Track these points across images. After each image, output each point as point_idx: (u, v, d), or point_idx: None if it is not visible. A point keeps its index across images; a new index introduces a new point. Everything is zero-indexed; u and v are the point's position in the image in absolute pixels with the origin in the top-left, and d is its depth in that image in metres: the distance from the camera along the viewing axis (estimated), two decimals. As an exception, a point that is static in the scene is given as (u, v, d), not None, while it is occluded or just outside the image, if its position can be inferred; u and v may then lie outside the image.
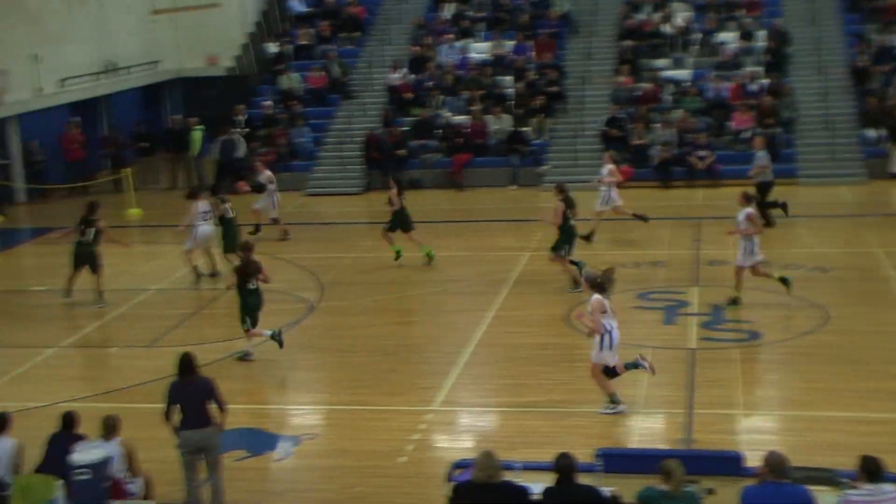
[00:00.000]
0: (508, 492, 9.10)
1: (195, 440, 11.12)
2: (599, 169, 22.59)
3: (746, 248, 17.16)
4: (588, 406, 13.79)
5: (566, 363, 15.39)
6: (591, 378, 13.70)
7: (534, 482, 9.44)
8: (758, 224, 17.56)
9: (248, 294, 15.85)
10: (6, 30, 27.99)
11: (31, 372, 16.15)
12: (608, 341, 13.34)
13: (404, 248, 20.96)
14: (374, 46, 32.69)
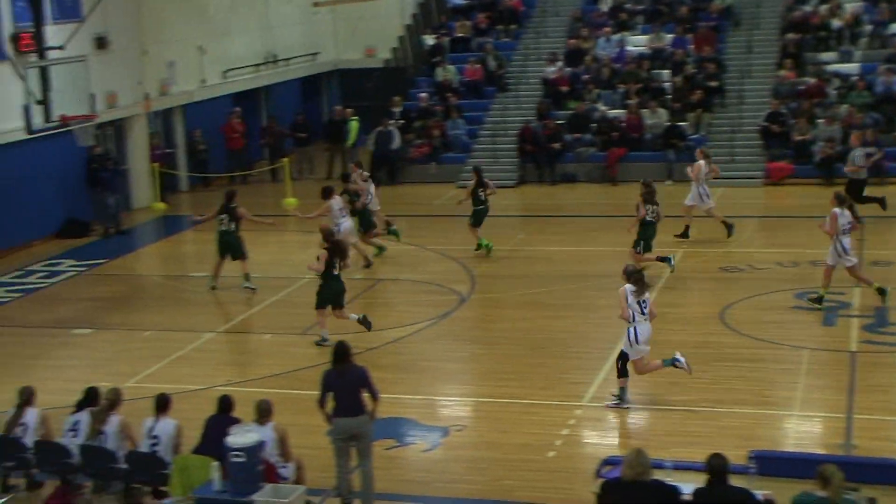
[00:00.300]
0: (658, 491, 8.92)
1: (348, 427, 11.24)
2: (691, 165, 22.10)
3: (837, 248, 16.83)
4: (742, 407, 13.49)
5: (719, 362, 15.08)
6: (738, 377, 13.39)
7: (684, 482, 9.26)
8: (854, 225, 17.17)
9: (331, 279, 16.18)
10: (174, 23, 28.85)
11: (190, 355, 16.61)
12: (634, 335, 13.41)
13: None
14: (530, 39, 32.59)
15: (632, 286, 13.58)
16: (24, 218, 23.61)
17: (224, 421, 11.09)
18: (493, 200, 21.52)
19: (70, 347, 17.40)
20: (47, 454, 11.56)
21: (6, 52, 21.97)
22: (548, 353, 15.89)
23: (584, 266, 20.40)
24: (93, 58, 23.22)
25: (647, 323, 13.56)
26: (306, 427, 12.94)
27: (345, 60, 36.39)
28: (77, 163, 24.86)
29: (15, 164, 23.25)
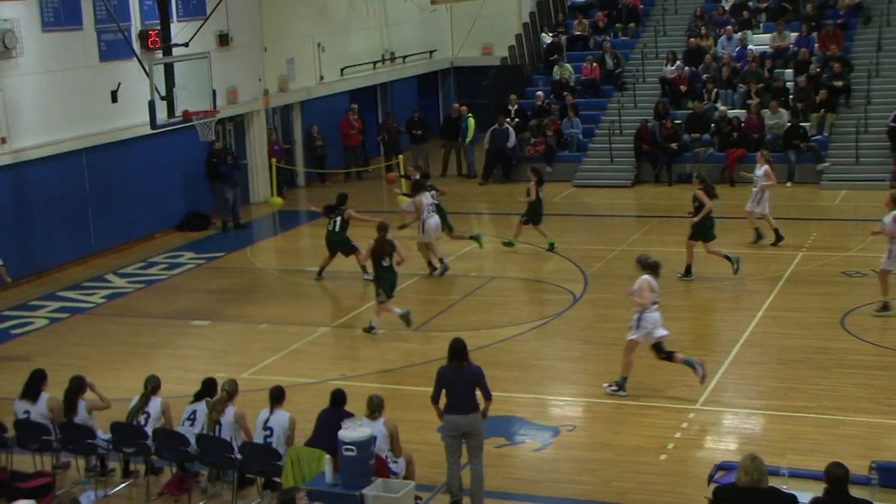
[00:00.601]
0: (775, 499, 8.73)
1: (460, 425, 11.24)
2: (755, 170, 21.48)
3: (893, 251, 16.54)
4: (864, 415, 13.15)
5: (840, 368, 14.72)
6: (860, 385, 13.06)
7: (801, 490, 9.05)
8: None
9: (382, 270, 16.86)
10: (294, 20, 29.24)
11: (304, 349, 16.81)
12: (636, 321, 13.96)
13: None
14: (649, 38, 32.24)
15: (651, 276, 14.09)
16: (147, 210, 24.19)
17: (337, 414, 11.19)
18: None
19: (188, 338, 17.77)
20: (166, 442, 11.82)
21: (134, 49, 22.53)
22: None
23: (701, 267, 20.07)
24: (215, 54, 23.66)
25: (656, 312, 14.05)
26: (417, 423, 13.00)
27: (462, 58, 36.48)
28: (198, 157, 25.39)
29: (140, 159, 23.84)
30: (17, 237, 20.85)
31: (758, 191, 21.18)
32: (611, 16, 33.35)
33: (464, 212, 26.13)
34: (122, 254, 22.94)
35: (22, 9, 20.82)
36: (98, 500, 11.87)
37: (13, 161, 20.83)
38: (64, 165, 21.98)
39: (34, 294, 20.30)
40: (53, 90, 21.71)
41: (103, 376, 14.99)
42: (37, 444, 12.23)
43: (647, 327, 14.01)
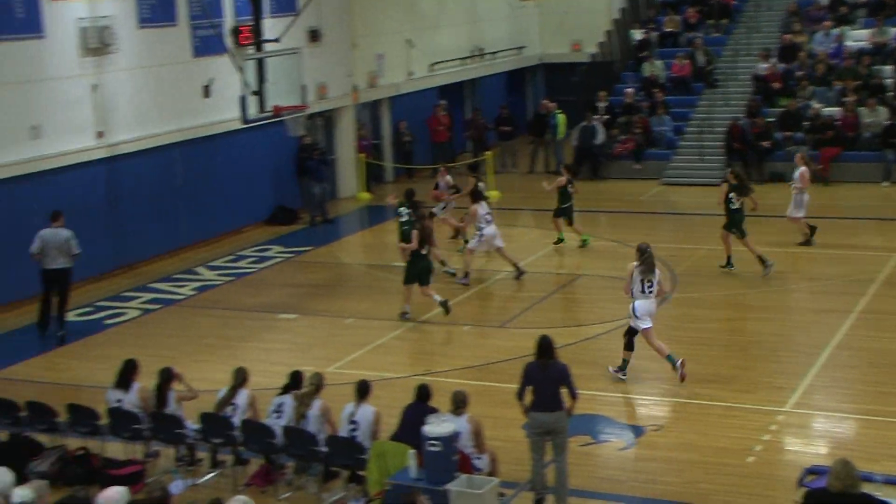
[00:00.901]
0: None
1: (545, 422, 11.22)
2: (793, 173, 20.94)
3: None
4: (959, 422, 12.80)
5: (936, 373, 14.36)
6: None
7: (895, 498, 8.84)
8: None
9: (418, 258, 17.52)
10: (384, 16, 29.37)
11: (390, 344, 16.88)
12: (633, 309, 14.39)
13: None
14: (741, 34, 31.74)
15: (638, 265, 14.37)
16: (236, 204, 24.50)
17: (421, 409, 11.22)
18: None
19: (276, 331, 17.96)
20: (253, 434, 11.96)
21: (227, 45, 22.83)
22: (751, 355, 15.49)
23: (792, 267, 19.78)
24: (306, 50, 23.88)
25: (648, 300, 14.37)
26: (501, 420, 12.98)
27: (550, 54, 36.32)
28: (287, 152, 25.64)
29: (230, 153, 24.16)
30: (110, 230, 21.26)
31: (799, 195, 20.78)
32: (702, 12, 32.91)
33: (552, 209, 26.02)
34: (211, 247, 23.27)
35: (119, 6, 21.23)
36: (186, 490, 12.03)
37: (108, 155, 21.24)
38: (157, 159, 22.37)
39: (127, 285, 20.69)
40: (148, 85, 22.10)
41: (192, 367, 15.24)
42: (128, 433, 12.47)
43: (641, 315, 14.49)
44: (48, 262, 17.41)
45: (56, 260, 17.39)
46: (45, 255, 17.36)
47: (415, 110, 30.66)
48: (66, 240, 17.49)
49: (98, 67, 20.92)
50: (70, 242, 17.49)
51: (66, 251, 17.48)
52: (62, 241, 17.43)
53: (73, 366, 16.52)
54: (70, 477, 12.01)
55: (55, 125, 20.14)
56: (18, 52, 19.47)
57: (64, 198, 20.21)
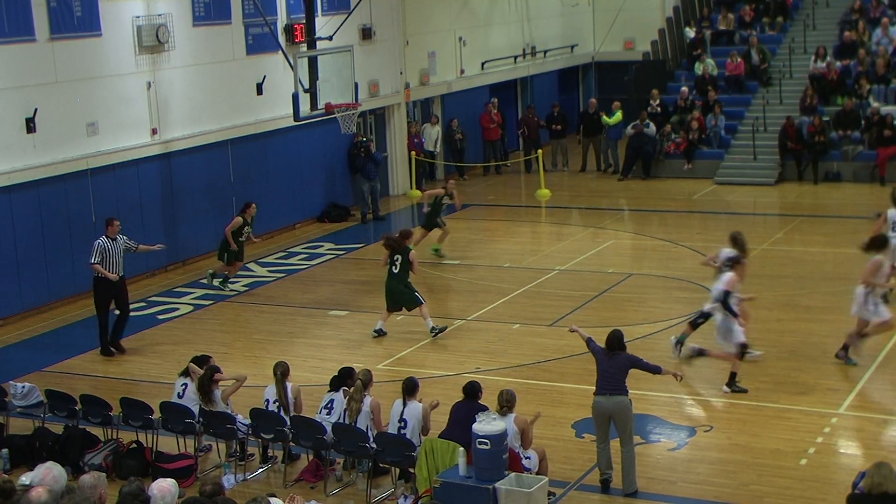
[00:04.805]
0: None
1: (605, 406, 11.44)
2: None
3: None
4: None
5: None
6: None
7: (950, 503, 8.70)
8: None
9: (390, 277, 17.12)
10: (436, 14, 29.41)
11: (439, 341, 16.87)
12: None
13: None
14: (797, 32, 31.41)
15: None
16: (289, 201, 24.64)
17: (471, 407, 11.22)
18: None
19: (326, 327, 18.03)
20: (303, 430, 12.02)
21: (280, 42, 22.97)
22: (804, 357, 15.31)
23: (846, 269, 19.48)
24: (358, 48, 23.98)
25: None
26: (551, 419, 12.96)
27: (603, 53, 36.17)
28: (339, 149, 25.75)
29: (282, 150, 24.30)
30: (164, 225, 21.47)
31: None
32: (758, 10, 32.61)
33: (603, 207, 25.94)
34: (263, 243, 23.40)
35: (174, 4, 21.43)
36: (237, 484, 12.13)
37: (162, 151, 21.46)
38: (210, 156, 22.55)
39: (180, 281, 20.89)
40: (202, 83, 22.29)
41: (243, 363, 15.37)
42: (180, 427, 12.59)
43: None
44: (108, 271, 16.56)
45: (115, 269, 16.60)
46: (104, 264, 16.52)
47: (467, 108, 30.67)
48: (124, 246, 16.80)
49: (153, 65, 21.13)
50: (127, 244, 16.85)
51: (122, 259, 16.76)
52: (120, 250, 16.70)
53: (126, 360, 16.69)
54: (123, 470, 12.15)
55: (111, 122, 20.37)
56: (76, 51, 19.72)
57: (119, 194, 20.49)
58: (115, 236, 16.67)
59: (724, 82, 30.28)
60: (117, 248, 16.66)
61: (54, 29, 19.23)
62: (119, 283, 16.80)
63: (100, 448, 12.68)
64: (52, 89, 19.30)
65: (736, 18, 32.48)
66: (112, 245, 16.59)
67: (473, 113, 30.75)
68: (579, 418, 13.02)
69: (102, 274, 16.50)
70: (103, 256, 16.51)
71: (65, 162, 19.53)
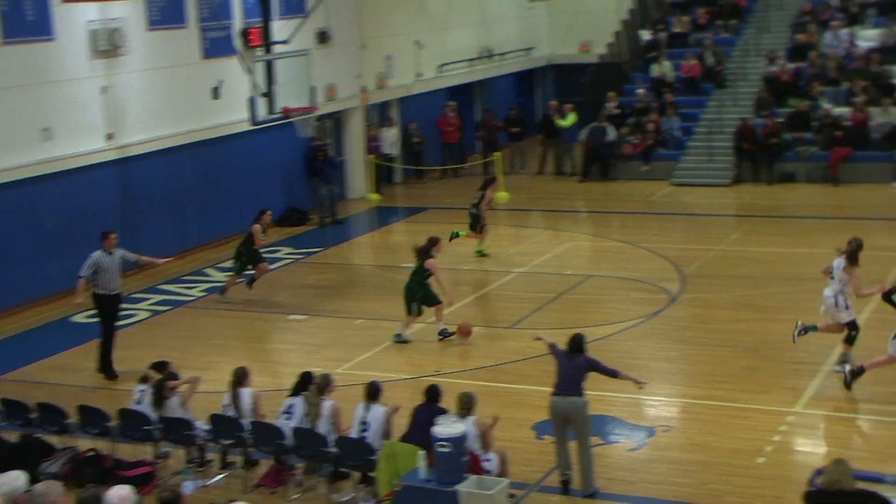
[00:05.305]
0: (863, 500, 8.53)
1: (560, 407, 11.50)
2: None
3: None
4: (971, 422, 12.76)
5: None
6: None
7: (906, 498, 8.82)
8: None
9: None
10: (393, 18, 29.40)
11: (399, 344, 16.86)
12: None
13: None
14: (751, 34, 31.69)
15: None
16: (246, 206, 24.43)
17: (431, 410, 11.22)
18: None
19: (285, 332, 17.98)
20: (263, 435, 11.97)
21: (236, 46, 22.87)
22: (761, 356, 15.45)
23: (801, 268, 19.71)
24: (315, 52, 23.90)
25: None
26: (511, 421, 12.98)
27: (559, 55, 36.32)
28: (297, 153, 25.67)
29: (240, 155, 24.20)
30: (121, 231, 21.14)
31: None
32: (712, 13, 32.87)
33: (561, 209, 26.04)
34: (221, 248, 23.29)
35: (129, 8, 21.29)
36: (197, 491, 12.06)
37: (119, 157, 21.30)
38: (167, 161, 22.42)
39: (137, 287, 20.71)
40: (158, 87, 22.16)
41: (201, 369, 15.25)
42: (139, 434, 12.50)
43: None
44: (101, 286, 15.94)
45: (110, 284, 15.96)
46: (98, 279, 15.86)
47: (425, 111, 30.66)
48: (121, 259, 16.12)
49: (108, 69, 20.97)
50: (125, 257, 16.25)
51: (119, 274, 16.14)
52: (118, 264, 16.05)
53: (83, 367, 16.54)
54: (81, 478, 12.04)
55: (66, 127, 20.20)
56: (29, 55, 19.54)
57: (75, 200, 20.31)
58: (112, 250, 15.89)
59: (679, 84, 30.50)
60: (114, 263, 15.87)
61: (6, 33, 19.06)
62: (115, 299, 16.10)
63: (57, 456, 12.56)
64: (4, 94, 19.12)
65: (691, 21, 32.72)
66: (108, 259, 15.82)
67: (431, 116, 30.77)
68: (539, 420, 13.05)
69: (77, 293, 15.77)
70: (97, 271, 15.75)
71: (19, 168, 19.34)
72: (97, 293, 15.98)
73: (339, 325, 18.05)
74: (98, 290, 15.94)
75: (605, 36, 33.74)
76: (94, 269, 15.77)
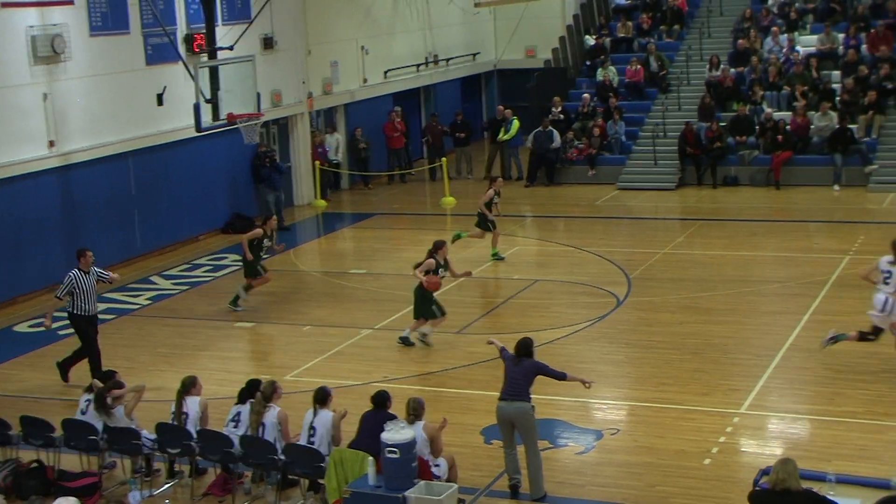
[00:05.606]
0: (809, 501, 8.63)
1: (506, 412, 11.52)
2: None
3: None
4: (912, 421, 12.98)
5: (887, 373, 14.51)
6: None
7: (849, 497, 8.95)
8: None
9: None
10: (338, 23, 29.34)
11: (347, 351, 16.85)
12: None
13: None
14: (694, 39, 32.03)
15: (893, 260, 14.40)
16: (192, 213, 24.37)
17: (380, 416, 11.21)
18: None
19: (232, 340, 17.87)
20: (210, 443, 11.89)
21: (180, 53, 22.71)
22: (706, 358, 15.59)
23: (745, 271, 19.98)
24: (260, 58, 23.80)
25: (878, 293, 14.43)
26: (460, 426, 13.00)
27: (505, 61, 36.47)
28: (243, 160, 25.54)
29: (185, 161, 24.02)
30: (64, 239, 21.06)
31: None
32: (655, 18, 33.18)
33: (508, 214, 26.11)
34: (166, 256, 23.13)
35: (70, 14, 21.06)
36: (144, 501, 11.95)
37: (61, 164, 21.06)
38: (110, 168, 22.20)
39: (81, 295, 20.48)
40: (100, 94, 21.94)
41: (148, 377, 15.12)
42: (84, 444, 12.36)
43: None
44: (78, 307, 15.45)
45: (87, 305, 15.49)
46: (75, 299, 15.38)
47: (370, 117, 30.64)
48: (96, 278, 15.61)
49: (49, 76, 20.74)
50: (101, 276, 15.68)
51: (95, 293, 15.66)
52: (93, 283, 15.53)
53: (26, 377, 16.35)
54: (24, 490, 11.89)
55: (6, 134, 19.94)
56: (-32, 61, 19.29)
57: (16, 209, 20.05)
58: (89, 269, 15.39)
59: (624, 89, 30.73)
60: (90, 282, 15.38)
61: (-55, 39, 18.80)
62: (93, 319, 15.63)
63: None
64: (-56, 101, 18.86)
65: (634, 26, 33.00)
66: (85, 279, 15.31)
67: (377, 122, 30.74)
68: (487, 425, 13.08)
69: (47, 316, 15.53)
70: (73, 291, 15.26)
71: (-41, 176, 19.09)
72: (74, 314, 15.46)
73: (286, 331, 17.98)
74: (75, 310, 15.44)
75: (551, 41, 33.95)
76: (69, 289, 15.30)
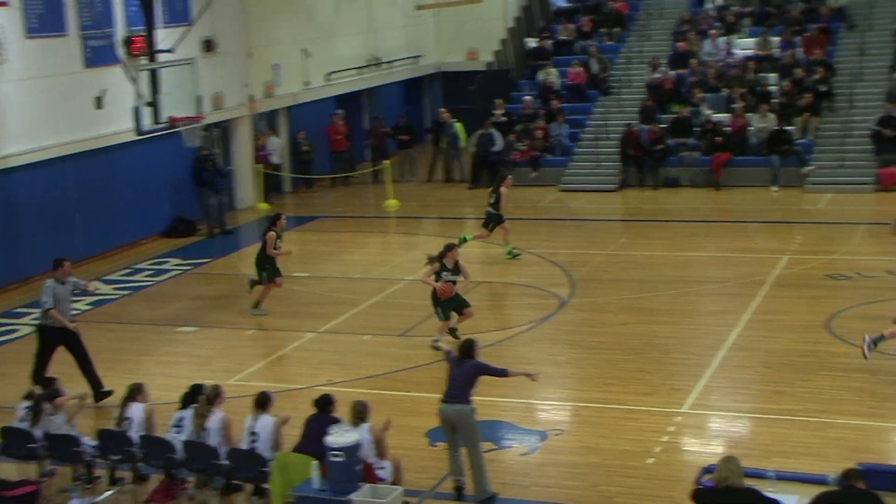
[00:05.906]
0: (753, 499, 8.75)
1: (447, 414, 11.58)
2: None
3: None
4: (849, 418, 13.17)
5: (826, 371, 14.76)
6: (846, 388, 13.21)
7: (789, 493, 9.07)
8: None
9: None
10: (279, 26, 29.22)
11: (291, 354, 16.79)
12: None
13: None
14: (634, 42, 32.32)
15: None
16: (133, 217, 24.13)
17: (324, 420, 11.18)
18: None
19: (175, 344, 17.73)
20: (153, 449, 11.79)
21: (119, 55, 22.49)
22: (648, 358, 15.73)
23: (687, 271, 20.17)
24: (200, 60, 23.64)
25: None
26: (405, 428, 13.00)
27: (447, 63, 36.53)
28: (185, 163, 25.34)
29: (126, 165, 23.79)
30: (2, 244, 20.78)
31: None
32: (596, 21, 33.40)
33: (452, 216, 26.17)
34: (108, 260, 22.89)
35: (5, 15, 20.76)
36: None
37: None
38: (49, 172, 21.92)
39: (19, 301, 20.22)
40: (38, 97, 21.66)
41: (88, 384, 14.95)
42: (23, 452, 12.19)
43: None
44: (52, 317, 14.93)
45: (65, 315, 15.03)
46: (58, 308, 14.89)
47: (313, 120, 30.53)
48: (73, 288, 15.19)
49: (-14, 79, 20.46)
50: (76, 285, 15.28)
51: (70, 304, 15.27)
52: (69, 293, 15.12)
53: (-36, 385, 16.11)
54: (-38, 500, 11.72)
55: (-58, 138, 19.65)
56: None
57: (-48, 213, 19.75)
58: (66, 279, 14.97)
59: (566, 91, 30.90)
60: (67, 292, 14.98)
61: None
62: (63, 330, 15.03)
63: (-64, 478, 12.20)
64: None
65: (576, 29, 33.21)
66: (62, 288, 14.88)
67: (320, 124, 30.64)
68: (432, 427, 13.09)
69: (59, 322, 14.86)
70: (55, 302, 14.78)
71: None
72: (46, 325, 15.02)
73: (230, 336, 17.87)
74: (47, 321, 15.02)
75: (492, 44, 34.06)
76: (53, 299, 14.81)
